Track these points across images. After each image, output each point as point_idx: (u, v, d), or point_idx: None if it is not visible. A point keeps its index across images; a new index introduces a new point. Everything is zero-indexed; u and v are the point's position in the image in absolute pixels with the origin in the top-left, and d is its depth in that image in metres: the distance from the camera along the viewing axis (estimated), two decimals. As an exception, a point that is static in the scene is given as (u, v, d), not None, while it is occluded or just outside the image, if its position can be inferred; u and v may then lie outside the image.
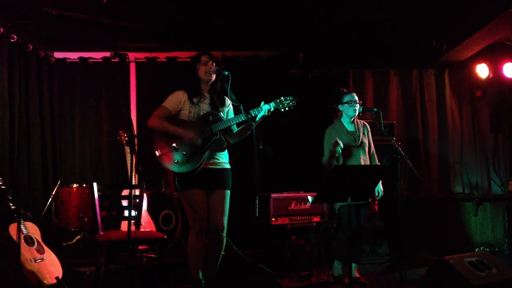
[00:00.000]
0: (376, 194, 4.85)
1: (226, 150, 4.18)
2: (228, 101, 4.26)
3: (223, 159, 4.16)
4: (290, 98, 4.01)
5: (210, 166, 4.05)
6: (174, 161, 3.97)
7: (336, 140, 4.59)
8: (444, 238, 6.78)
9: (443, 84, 7.48)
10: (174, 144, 3.98)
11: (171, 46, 7.17)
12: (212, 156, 4.06)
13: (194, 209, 3.95)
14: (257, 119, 3.99)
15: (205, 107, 4.14)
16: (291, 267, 5.35)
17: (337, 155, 4.64)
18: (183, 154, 3.97)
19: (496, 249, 6.82)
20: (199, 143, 3.97)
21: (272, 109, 3.99)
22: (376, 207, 4.90)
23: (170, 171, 4.08)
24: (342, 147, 4.61)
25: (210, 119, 4.06)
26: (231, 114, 4.25)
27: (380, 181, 4.81)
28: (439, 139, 7.41)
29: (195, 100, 4.12)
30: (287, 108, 4.01)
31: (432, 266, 4.15)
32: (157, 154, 4.01)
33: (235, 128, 4.20)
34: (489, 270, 4.06)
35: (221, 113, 4.17)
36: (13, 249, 4.04)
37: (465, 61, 7.27)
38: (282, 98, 4.01)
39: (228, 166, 4.19)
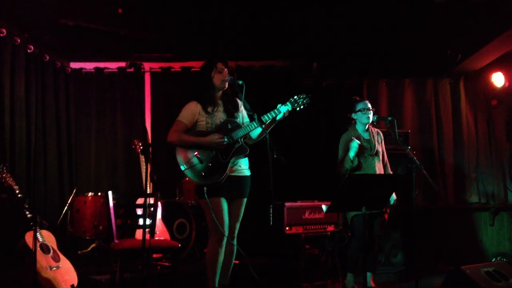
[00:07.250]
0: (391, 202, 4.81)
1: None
2: (240, 104, 4.18)
3: (244, 165, 4.10)
4: (303, 96, 4.00)
5: (232, 174, 3.98)
6: (201, 174, 3.89)
7: (353, 138, 4.62)
8: (460, 248, 6.70)
9: (458, 93, 7.43)
10: (198, 156, 3.90)
11: (186, 56, 7.22)
12: (233, 163, 4.00)
13: (217, 217, 3.89)
14: (277, 117, 3.95)
15: (220, 115, 4.05)
16: (305, 277, 5.32)
17: (352, 153, 4.63)
18: (209, 166, 3.90)
19: (513, 259, 6.72)
20: (225, 141, 3.90)
21: (290, 108, 3.97)
22: (387, 216, 4.87)
23: (196, 183, 3.99)
24: (358, 144, 4.61)
25: (229, 127, 3.99)
26: (246, 117, 4.19)
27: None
28: (454, 148, 7.35)
29: (209, 109, 4.02)
30: (302, 107, 4.00)
31: (449, 276, 4.11)
32: (183, 169, 3.91)
33: (253, 134, 4.12)
34: (507, 281, 4.02)
35: (237, 119, 4.10)
36: (29, 257, 4.07)
37: (480, 70, 7.23)
38: (295, 97, 3.99)
39: (248, 172, 4.13)
